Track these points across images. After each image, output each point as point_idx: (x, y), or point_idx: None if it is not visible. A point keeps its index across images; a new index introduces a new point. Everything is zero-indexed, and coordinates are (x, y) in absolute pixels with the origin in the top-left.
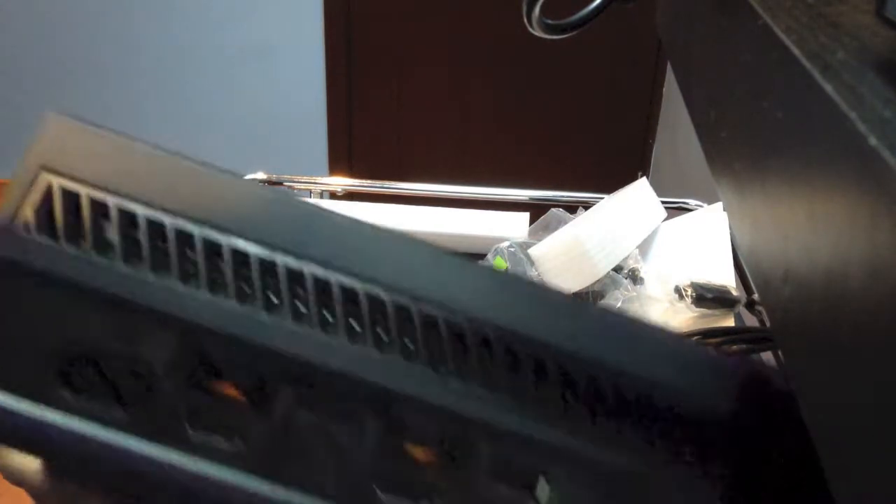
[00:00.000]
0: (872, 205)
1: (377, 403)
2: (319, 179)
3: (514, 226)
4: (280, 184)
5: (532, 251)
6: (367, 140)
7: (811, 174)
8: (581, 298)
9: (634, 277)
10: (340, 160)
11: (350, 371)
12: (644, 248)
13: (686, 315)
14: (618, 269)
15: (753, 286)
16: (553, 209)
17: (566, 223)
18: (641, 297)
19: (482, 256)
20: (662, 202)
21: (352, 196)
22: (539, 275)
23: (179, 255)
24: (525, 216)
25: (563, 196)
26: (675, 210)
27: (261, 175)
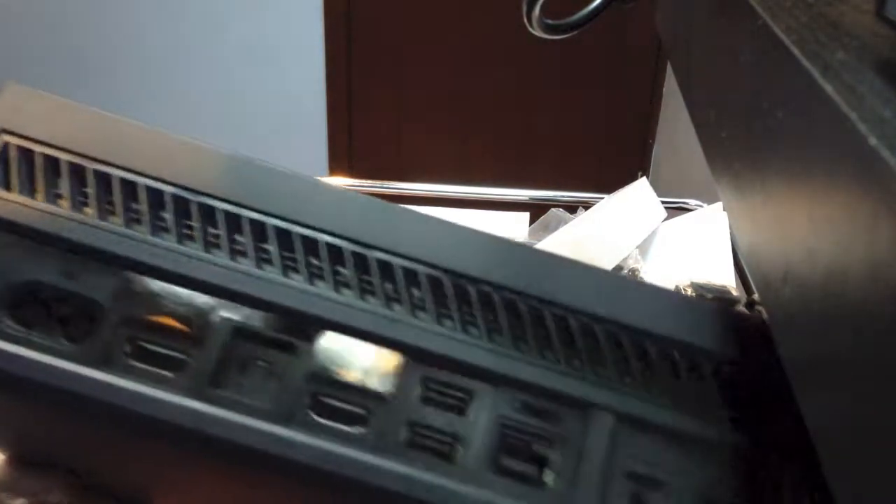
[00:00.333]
0: (872, 205)
1: (311, 332)
2: (319, 179)
3: (514, 226)
4: None
5: None
6: (367, 140)
7: (811, 174)
8: None
9: (634, 277)
10: (340, 160)
11: (286, 303)
12: (644, 248)
13: None
14: (618, 269)
15: (753, 286)
16: (553, 209)
17: (566, 223)
18: None
19: None
20: (662, 202)
21: None
22: None
23: (125, 203)
24: (525, 216)
25: (563, 196)
26: (675, 210)
27: None
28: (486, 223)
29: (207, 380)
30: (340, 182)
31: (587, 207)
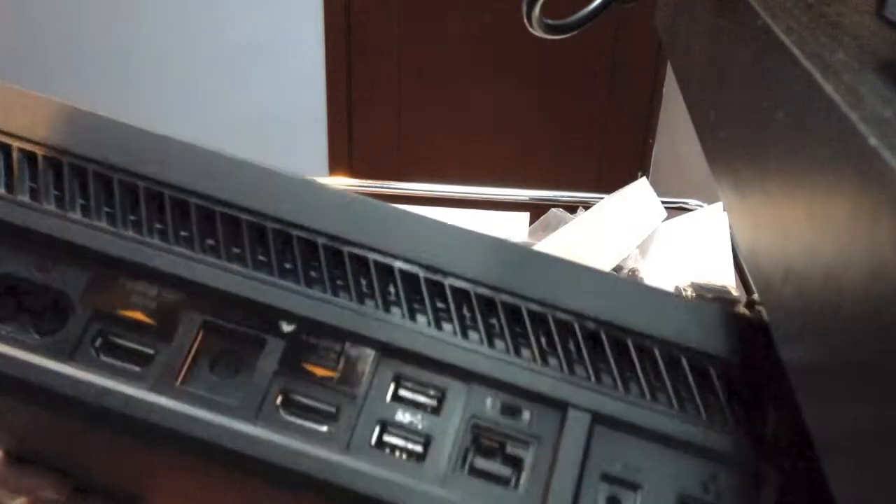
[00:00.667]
0: (873, 205)
1: (282, 328)
2: (319, 179)
3: (514, 226)
4: None
5: None
6: (367, 140)
7: (811, 174)
8: None
9: (634, 277)
10: (340, 160)
11: (257, 297)
12: (644, 248)
13: None
14: (618, 269)
15: (753, 286)
16: (553, 209)
17: (566, 223)
18: None
19: None
20: (662, 202)
21: None
22: None
23: (99, 198)
24: (525, 216)
25: (563, 196)
26: (675, 210)
27: None
28: (486, 223)
29: (175, 375)
30: (340, 182)
31: (587, 207)
